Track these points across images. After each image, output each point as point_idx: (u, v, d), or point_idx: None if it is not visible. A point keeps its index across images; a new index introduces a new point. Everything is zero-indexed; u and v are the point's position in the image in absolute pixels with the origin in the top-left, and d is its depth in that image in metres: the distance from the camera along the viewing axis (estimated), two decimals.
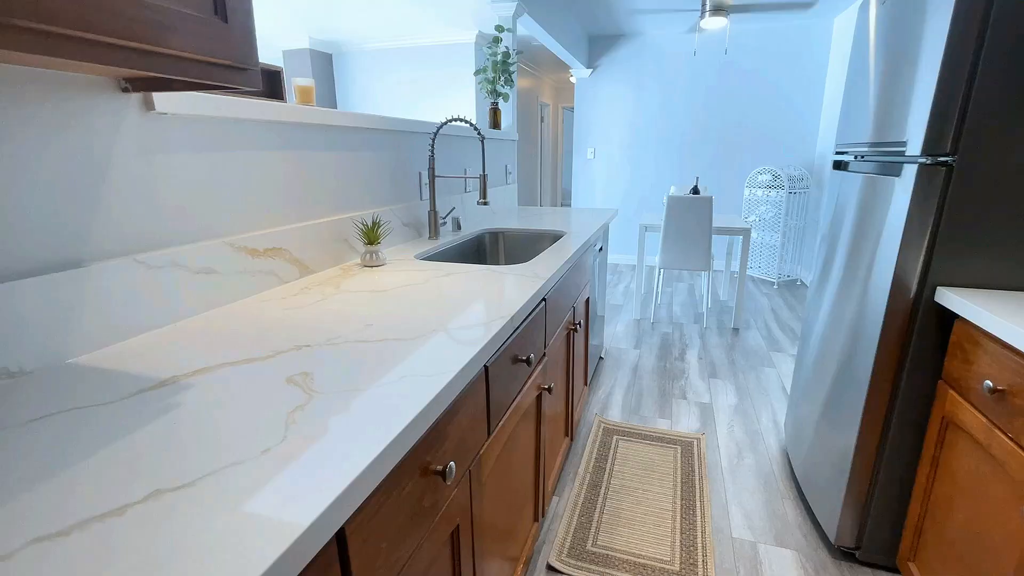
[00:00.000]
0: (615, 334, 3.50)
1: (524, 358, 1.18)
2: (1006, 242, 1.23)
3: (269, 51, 5.35)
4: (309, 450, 0.56)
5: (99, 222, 0.84)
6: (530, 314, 1.22)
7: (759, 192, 4.79)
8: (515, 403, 1.16)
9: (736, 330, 3.58)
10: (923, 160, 1.24)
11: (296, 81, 1.53)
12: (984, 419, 1.12)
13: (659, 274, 3.76)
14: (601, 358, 3.09)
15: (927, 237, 1.27)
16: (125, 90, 0.86)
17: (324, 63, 5.34)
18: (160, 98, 0.91)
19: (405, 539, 0.68)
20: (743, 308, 4.05)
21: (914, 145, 1.27)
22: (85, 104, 0.81)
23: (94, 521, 0.45)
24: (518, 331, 1.13)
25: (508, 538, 1.23)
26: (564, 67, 7.04)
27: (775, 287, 4.67)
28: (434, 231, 1.91)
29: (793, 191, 4.66)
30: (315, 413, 0.64)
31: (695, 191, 3.75)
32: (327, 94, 5.42)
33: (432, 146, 1.82)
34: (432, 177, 1.85)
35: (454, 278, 1.31)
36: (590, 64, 5.32)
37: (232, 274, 1.09)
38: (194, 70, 0.69)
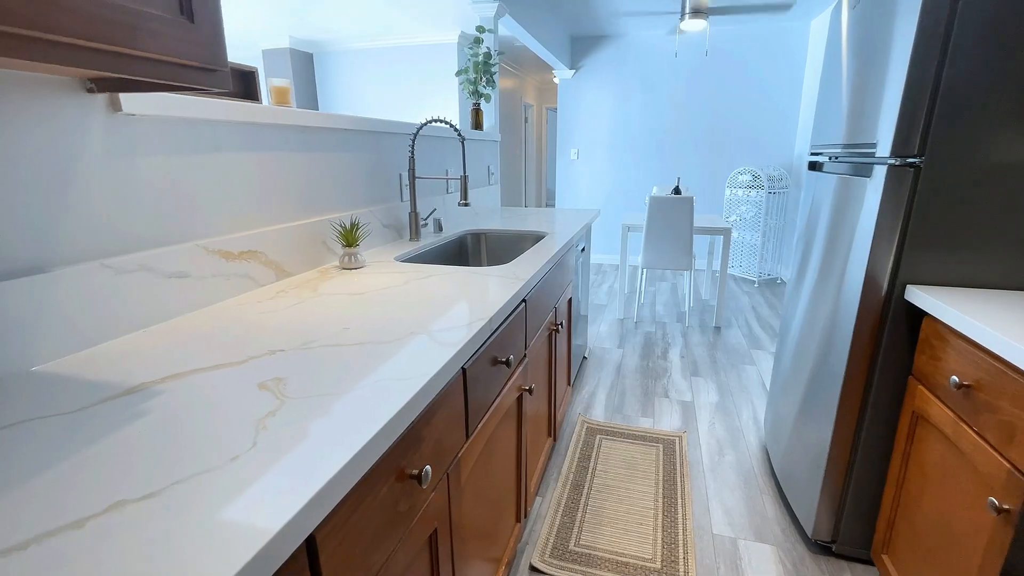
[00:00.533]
0: (599, 334, 3.52)
1: (504, 360, 1.18)
2: (972, 241, 1.26)
3: (248, 50, 5.28)
4: (279, 456, 0.56)
5: (64, 226, 0.82)
6: (510, 315, 1.22)
7: (739, 192, 4.86)
8: (495, 405, 1.16)
9: (718, 328, 3.63)
10: (892, 161, 1.27)
11: (272, 81, 1.51)
12: (951, 414, 1.15)
13: (642, 274, 3.79)
14: (585, 358, 3.10)
15: (897, 236, 1.30)
16: (90, 91, 0.84)
17: (305, 63, 5.28)
18: (127, 99, 0.89)
19: (380, 544, 0.68)
20: (724, 307, 4.10)
21: (883, 146, 1.29)
22: (48, 105, 0.79)
23: (51, 535, 0.44)
24: (497, 333, 1.13)
25: (489, 540, 1.23)
26: (547, 68, 7.06)
27: (756, 286, 4.73)
28: (415, 232, 1.90)
29: (773, 191, 4.73)
30: (287, 419, 0.63)
31: (676, 191, 3.79)
32: (308, 94, 5.36)
33: (412, 147, 1.81)
34: (412, 178, 1.84)
35: (433, 280, 1.31)
36: (573, 65, 5.34)
37: (206, 278, 1.07)
38: (160, 71, 0.68)
